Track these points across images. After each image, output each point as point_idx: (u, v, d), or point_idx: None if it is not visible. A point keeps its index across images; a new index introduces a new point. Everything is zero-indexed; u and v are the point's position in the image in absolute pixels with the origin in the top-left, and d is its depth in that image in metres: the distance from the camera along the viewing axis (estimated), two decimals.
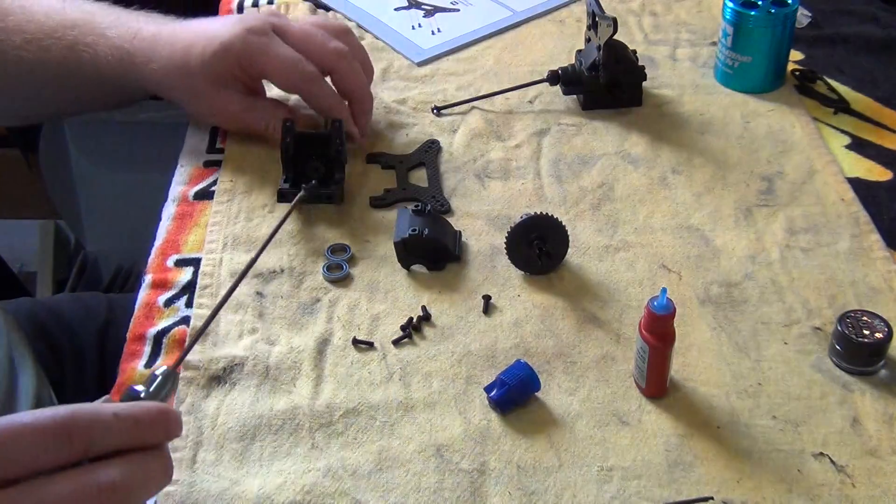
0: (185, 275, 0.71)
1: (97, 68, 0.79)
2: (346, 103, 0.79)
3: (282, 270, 0.71)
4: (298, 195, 0.72)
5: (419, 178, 0.80)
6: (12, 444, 0.39)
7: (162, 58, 0.77)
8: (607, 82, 0.85)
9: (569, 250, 0.71)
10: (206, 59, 0.76)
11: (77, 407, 0.42)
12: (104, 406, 0.43)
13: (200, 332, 0.62)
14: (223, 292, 0.62)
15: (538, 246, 0.69)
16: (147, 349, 0.66)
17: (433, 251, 0.70)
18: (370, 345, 0.65)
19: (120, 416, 0.42)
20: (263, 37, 0.76)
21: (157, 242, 0.74)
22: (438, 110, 0.87)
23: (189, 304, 0.69)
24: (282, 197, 0.75)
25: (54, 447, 0.40)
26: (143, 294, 0.70)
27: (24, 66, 0.79)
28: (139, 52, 0.78)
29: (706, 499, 0.55)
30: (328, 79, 0.79)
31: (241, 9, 1.03)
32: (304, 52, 0.77)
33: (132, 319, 0.68)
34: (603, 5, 0.83)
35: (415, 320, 0.67)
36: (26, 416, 0.40)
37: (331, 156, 0.75)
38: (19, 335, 0.78)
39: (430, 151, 0.82)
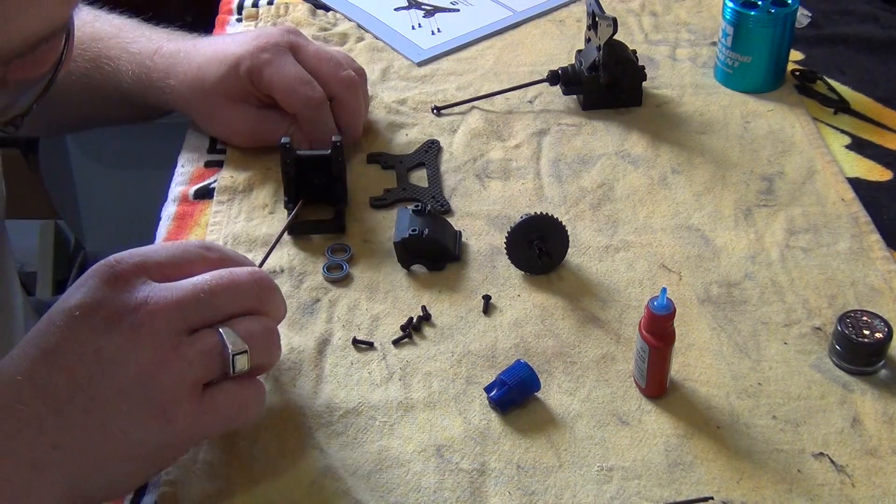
0: None
1: (118, 82, 0.80)
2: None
3: (282, 270, 0.71)
4: (292, 212, 0.72)
5: (419, 178, 0.80)
6: (227, 293, 0.54)
7: (179, 74, 0.78)
8: (607, 82, 0.85)
9: (569, 250, 0.71)
10: (218, 77, 0.77)
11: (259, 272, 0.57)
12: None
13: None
14: None
15: (538, 246, 0.69)
16: None
17: (433, 251, 0.70)
18: (370, 345, 0.65)
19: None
20: (274, 55, 0.76)
21: (157, 242, 0.74)
22: (438, 110, 0.87)
23: None
24: (292, 230, 0.74)
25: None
26: None
27: None
28: (158, 69, 0.79)
29: (706, 499, 0.55)
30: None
31: (240, 8, 1.03)
32: (314, 72, 0.76)
33: None
34: (603, 5, 0.83)
35: (415, 320, 0.67)
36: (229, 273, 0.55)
37: (332, 175, 0.74)
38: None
39: (430, 151, 0.82)
